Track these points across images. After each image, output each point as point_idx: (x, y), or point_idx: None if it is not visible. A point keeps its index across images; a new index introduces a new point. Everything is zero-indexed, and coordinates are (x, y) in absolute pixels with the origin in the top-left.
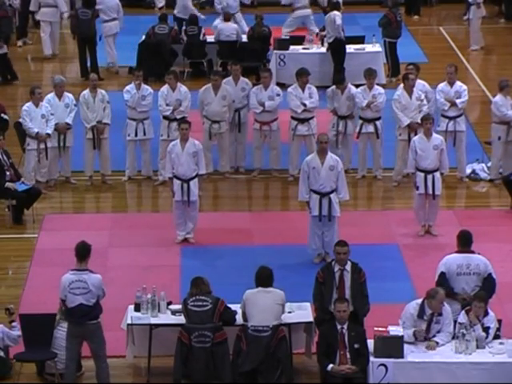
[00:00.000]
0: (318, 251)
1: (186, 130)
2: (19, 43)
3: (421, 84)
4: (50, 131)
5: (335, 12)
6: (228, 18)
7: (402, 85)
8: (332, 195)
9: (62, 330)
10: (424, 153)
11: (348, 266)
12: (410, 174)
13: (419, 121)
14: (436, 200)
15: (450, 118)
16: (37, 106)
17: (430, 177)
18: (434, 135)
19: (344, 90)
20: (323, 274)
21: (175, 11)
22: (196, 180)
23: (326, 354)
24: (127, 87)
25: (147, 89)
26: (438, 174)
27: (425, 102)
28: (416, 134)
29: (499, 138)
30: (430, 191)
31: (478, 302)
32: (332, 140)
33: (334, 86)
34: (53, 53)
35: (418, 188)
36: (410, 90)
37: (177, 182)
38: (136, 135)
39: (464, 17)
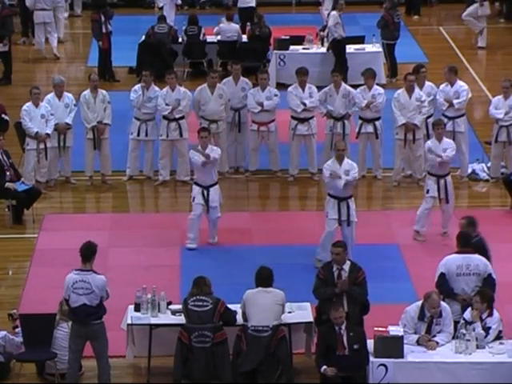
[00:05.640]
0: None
1: (206, 137)
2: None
3: (429, 86)
4: (49, 131)
5: (333, 12)
6: (230, 17)
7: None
8: (350, 200)
9: (62, 330)
10: None
11: (346, 266)
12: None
13: (416, 122)
14: (450, 204)
15: (450, 118)
16: (36, 106)
17: (442, 181)
18: (445, 140)
19: (339, 88)
20: (324, 272)
21: None
22: (217, 187)
23: (324, 355)
24: (135, 87)
25: (155, 91)
26: (449, 178)
27: (425, 103)
28: (413, 135)
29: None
30: (443, 195)
31: (475, 295)
32: (329, 142)
33: (327, 88)
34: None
35: (428, 191)
36: (410, 90)
37: (196, 188)
38: (138, 135)
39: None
